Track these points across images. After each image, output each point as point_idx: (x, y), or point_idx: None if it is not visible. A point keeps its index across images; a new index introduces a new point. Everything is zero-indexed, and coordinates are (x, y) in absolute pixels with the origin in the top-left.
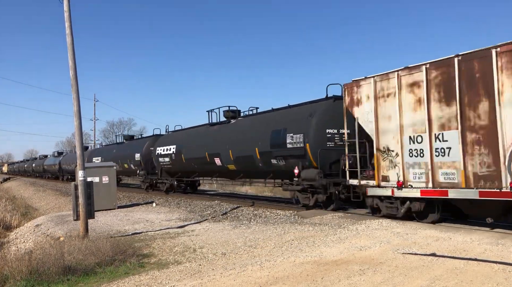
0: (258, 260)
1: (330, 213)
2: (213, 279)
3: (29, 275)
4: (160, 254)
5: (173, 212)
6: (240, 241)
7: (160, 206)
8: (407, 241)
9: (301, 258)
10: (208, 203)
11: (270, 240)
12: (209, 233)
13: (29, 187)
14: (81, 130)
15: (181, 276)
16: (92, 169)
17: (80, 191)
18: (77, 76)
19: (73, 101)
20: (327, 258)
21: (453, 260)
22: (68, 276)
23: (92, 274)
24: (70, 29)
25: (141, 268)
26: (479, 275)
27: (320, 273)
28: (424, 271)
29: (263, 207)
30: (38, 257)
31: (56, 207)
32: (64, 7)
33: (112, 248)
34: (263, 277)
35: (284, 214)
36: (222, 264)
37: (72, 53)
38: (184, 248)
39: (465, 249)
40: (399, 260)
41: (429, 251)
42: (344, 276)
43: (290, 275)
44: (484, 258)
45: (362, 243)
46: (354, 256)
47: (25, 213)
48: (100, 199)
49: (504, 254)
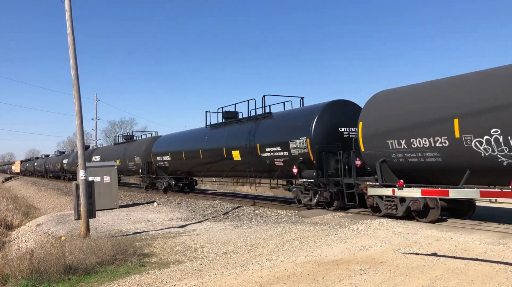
0: (259, 259)
1: (331, 213)
2: (214, 278)
3: (30, 274)
4: (161, 253)
5: (174, 211)
6: (241, 241)
7: (161, 205)
8: (408, 240)
9: (302, 258)
10: (209, 202)
11: (271, 239)
12: (210, 232)
13: (30, 187)
14: (83, 130)
15: (182, 275)
16: (93, 168)
17: (81, 190)
18: (78, 75)
19: (75, 101)
20: (328, 258)
21: (454, 260)
22: (69, 276)
23: (93, 274)
24: (71, 28)
25: (142, 268)
26: (480, 275)
27: (321, 272)
28: (425, 271)
29: (264, 207)
30: (39, 256)
31: (57, 206)
32: (65, 7)
33: (113, 248)
34: (264, 277)
35: (285, 214)
36: (223, 264)
37: (74, 52)
38: (185, 247)
39: (466, 249)
40: (400, 260)
41: (430, 251)
42: (345, 275)
43: (291, 275)
44: (485, 258)
45: (363, 243)
46: (355, 256)
47: (26, 212)
48: (102, 199)
49: (505, 254)
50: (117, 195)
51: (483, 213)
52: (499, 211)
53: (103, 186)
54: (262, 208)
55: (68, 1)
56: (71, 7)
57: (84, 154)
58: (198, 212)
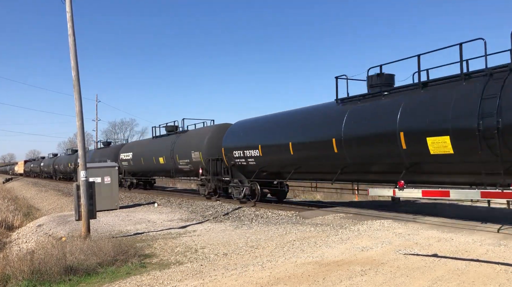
0: (259, 260)
1: (331, 214)
2: (214, 279)
3: (31, 275)
4: (162, 254)
5: (174, 212)
6: (242, 242)
7: (162, 206)
8: (408, 241)
9: (303, 259)
10: (209, 203)
11: (272, 240)
12: (210, 233)
13: (31, 187)
14: (83, 131)
15: (183, 276)
16: (94, 169)
17: (82, 191)
18: (79, 76)
19: (75, 102)
20: (328, 259)
21: (455, 261)
22: (70, 276)
23: (93, 274)
24: (72, 29)
25: (143, 268)
26: (481, 276)
27: (321, 273)
28: (426, 271)
29: (264, 208)
30: (40, 257)
31: (58, 207)
32: (66, 8)
33: (114, 248)
34: (265, 278)
35: (285, 215)
36: (223, 265)
37: (74, 53)
38: (186, 248)
39: (467, 250)
40: (401, 261)
41: (431, 252)
42: (345, 276)
43: (291, 276)
44: (486, 259)
45: (364, 244)
46: (356, 257)
47: (27, 213)
48: (102, 199)
49: (506, 255)
50: (117, 196)
51: (480, 215)
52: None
53: (104, 186)
54: (262, 209)
55: (69, 2)
56: (72, 8)
57: (85, 155)
58: (199, 213)
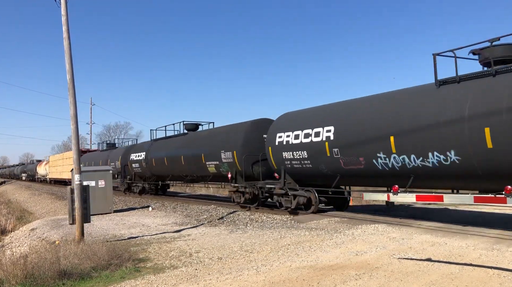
0: (254, 264)
1: (326, 218)
2: (209, 283)
3: (24, 279)
4: (156, 258)
5: (169, 216)
6: (237, 246)
7: (156, 210)
8: (402, 246)
9: (297, 263)
10: (204, 207)
11: (267, 244)
12: (205, 237)
13: (24, 191)
14: (78, 134)
15: (177, 280)
16: (88, 172)
17: (76, 194)
18: (74, 80)
19: (70, 106)
20: (323, 263)
21: (448, 265)
22: (64, 281)
23: (87, 279)
24: (67, 33)
25: (137, 273)
26: (474, 280)
27: (316, 277)
28: (419, 276)
29: (259, 212)
30: (34, 261)
31: (51, 211)
32: (61, 11)
33: (108, 253)
34: (259, 282)
35: (280, 219)
36: (218, 269)
37: (69, 57)
38: (180, 252)
39: (461, 254)
40: (395, 265)
41: (424, 256)
42: (340, 280)
43: (286, 280)
44: (480, 263)
45: (358, 248)
46: (350, 261)
47: (20, 216)
48: (96, 203)
49: (499, 259)
50: (112, 200)
51: (475, 220)
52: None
53: (98, 190)
54: (257, 213)
55: (64, 6)
56: (67, 12)
57: (80, 159)
58: (193, 217)
